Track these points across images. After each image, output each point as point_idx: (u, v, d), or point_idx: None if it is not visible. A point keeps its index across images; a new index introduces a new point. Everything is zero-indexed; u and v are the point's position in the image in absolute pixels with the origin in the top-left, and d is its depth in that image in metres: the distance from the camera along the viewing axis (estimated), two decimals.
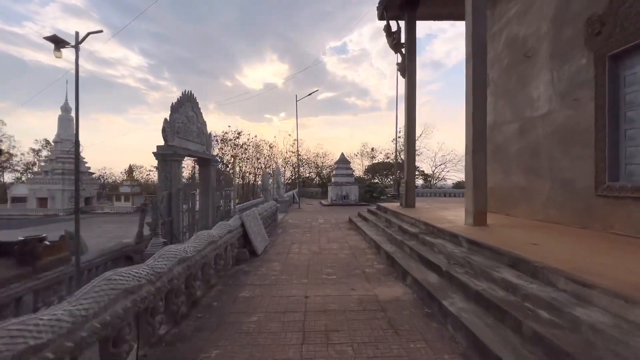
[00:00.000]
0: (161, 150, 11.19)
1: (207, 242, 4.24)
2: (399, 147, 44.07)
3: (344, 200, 19.57)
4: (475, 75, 5.34)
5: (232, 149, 53.94)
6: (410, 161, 9.22)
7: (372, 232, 7.73)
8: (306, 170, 50.94)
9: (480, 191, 5.34)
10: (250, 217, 6.89)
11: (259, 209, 8.59)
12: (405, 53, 9.34)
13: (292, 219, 12.68)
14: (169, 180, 11.35)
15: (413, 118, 9.19)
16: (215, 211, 14.84)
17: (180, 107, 12.35)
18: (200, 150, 13.78)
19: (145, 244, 9.34)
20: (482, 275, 3.52)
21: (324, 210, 16.87)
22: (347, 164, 20.61)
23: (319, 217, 13.48)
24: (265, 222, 9.52)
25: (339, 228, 10.06)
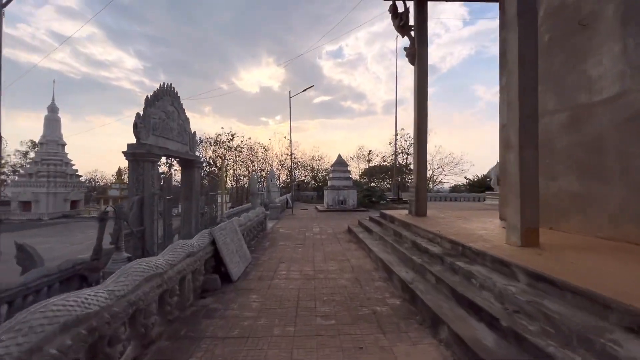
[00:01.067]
0: (132, 149, 9.70)
1: (142, 279, 2.80)
2: (399, 149, 43.05)
3: (341, 205, 18.15)
4: (524, 43, 3.97)
5: (226, 151, 52.54)
6: (421, 162, 7.85)
7: (378, 248, 6.31)
8: (302, 173, 49.70)
9: (531, 201, 3.95)
10: (227, 231, 5.45)
11: (241, 219, 7.14)
12: (414, 36, 7.99)
13: (283, 228, 11.23)
14: (141, 184, 9.85)
15: (424, 112, 7.83)
16: (200, 218, 13.35)
17: (157, 101, 10.87)
18: (181, 150, 12.30)
19: (107, 259, 7.82)
20: (584, 345, 2.11)
21: (320, 216, 15.43)
22: (344, 166, 19.22)
23: (314, 225, 12.04)
24: (251, 233, 8.06)
25: (337, 240, 8.62)
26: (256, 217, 8.60)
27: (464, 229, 5.62)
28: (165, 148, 11.02)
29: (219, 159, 16.72)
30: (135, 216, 9.58)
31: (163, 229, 10.43)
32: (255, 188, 10.19)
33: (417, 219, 7.30)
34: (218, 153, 52.71)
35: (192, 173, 13.12)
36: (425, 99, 7.83)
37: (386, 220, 8.38)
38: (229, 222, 5.88)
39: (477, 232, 5.23)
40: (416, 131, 7.86)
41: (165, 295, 3.29)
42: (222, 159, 15.82)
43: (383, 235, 6.98)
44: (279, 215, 14.14)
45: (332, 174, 18.93)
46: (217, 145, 51.68)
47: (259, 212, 9.25)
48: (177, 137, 12.04)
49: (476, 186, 38.62)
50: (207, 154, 51.13)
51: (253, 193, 10.15)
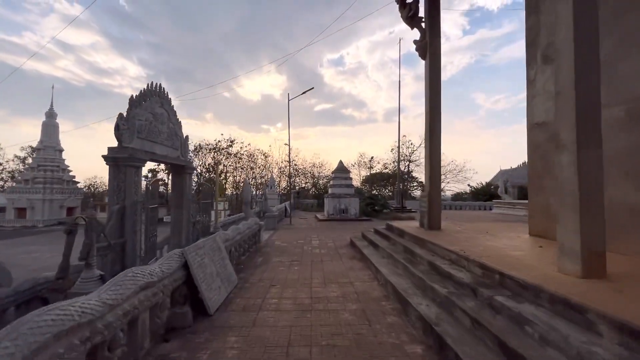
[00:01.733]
0: (113, 152, 8.81)
1: (48, 338, 1.85)
2: (401, 156, 42.23)
3: (342, 214, 17.17)
4: (581, 12, 3.08)
5: (225, 157, 51.84)
6: (434, 168, 6.91)
7: (387, 269, 5.34)
8: (302, 180, 48.88)
9: (594, 216, 3.00)
10: (206, 250, 4.50)
11: (228, 233, 6.19)
12: (425, 27, 7.14)
13: (279, 240, 10.26)
14: (122, 191, 8.93)
15: (437, 112, 6.92)
16: (192, 227, 12.40)
17: (144, 102, 10.01)
18: (171, 155, 11.40)
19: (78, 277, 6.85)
20: None
21: (320, 226, 14.45)
22: (346, 173, 18.30)
23: (312, 236, 11.06)
24: (241, 248, 7.11)
25: (339, 255, 7.65)
26: (248, 230, 7.65)
27: (491, 247, 4.65)
28: (152, 152, 10.11)
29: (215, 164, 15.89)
30: (115, 227, 8.65)
31: (148, 240, 9.47)
32: (249, 196, 9.27)
33: (430, 233, 6.33)
34: (217, 159, 52.06)
35: (183, 180, 12.21)
36: (438, 97, 6.93)
37: (394, 233, 7.42)
38: (210, 239, 4.94)
39: (510, 252, 4.27)
40: (428, 133, 6.94)
41: (99, 349, 2.33)
42: (217, 164, 14.83)
43: (392, 252, 6.01)
44: (276, 226, 13.19)
45: (333, 181, 18.00)
46: (216, 151, 51.13)
47: (252, 224, 8.31)
48: (167, 141, 11.16)
49: (480, 194, 37.65)
50: (206, 161, 50.61)
51: (246, 202, 9.24)
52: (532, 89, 5.50)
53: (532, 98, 5.53)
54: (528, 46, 5.62)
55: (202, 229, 13.46)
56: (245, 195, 9.15)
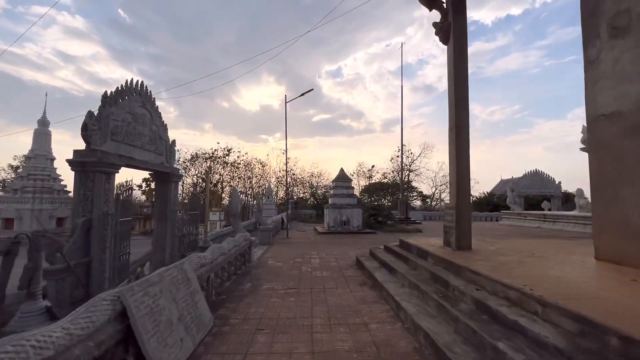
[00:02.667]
0: (79, 156, 7.53)
1: None
2: (404, 164, 41.09)
3: (344, 226, 15.83)
4: None
5: (222, 167, 50.66)
6: (462, 173, 5.65)
7: (413, 305, 4.01)
8: (300, 190, 47.67)
9: None
10: (162, 286, 3.18)
11: (205, 255, 4.86)
12: (447, 6, 5.99)
13: (274, 258, 8.90)
14: (90, 202, 7.62)
15: (464, 103, 5.72)
16: (178, 241, 11.03)
17: (122, 100, 8.77)
18: (154, 161, 10.10)
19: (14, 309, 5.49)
20: None
21: (320, 240, 13.09)
22: (347, 181, 17.03)
23: (312, 253, 9.71)
24: (225, 272, 5.77)
25: (345, 280, 6.30)
26: (234, 249, 6.32)
27: (562, 281, 3.35)
28: (130, 157, 8.81)
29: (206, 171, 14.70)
30: (78, 244, 7.30)
31: (115, 259, 8.08)
32: (238, 206, 7.98)
33: (462, 255, 5.03)
34: (208, 166, 50.89)
35: (167, 188, 10.89)
36: (465, 86, 5.73)
37: (412, 253, 6.10)
38: (174, 267, 3.62)
39: (600, 291, 2.96)
40: (454, 130, 5.70)
41: None
42: (208, 171, 13.43)
43: (415, 280, 4.69)
44: (271, 240, 11.83)
45: (334, 191, 16.71)
46: (212, 160, 49.94)
47: (240, 241, 6.98)
48: (149, 145, 9.87)
49: (483, 204, 36.46)
50: (203, 170, 49.36)
51: (234, 213, 7.94)
52: (594, 71, 4.30)
53: (594, 83, 4.32)
54: (586, 17, 4.45)
55: (190, 243, 12.09)
56: (234, 206, 7.86)
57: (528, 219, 20.59)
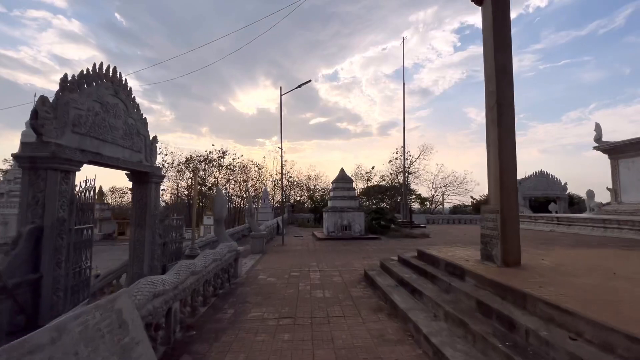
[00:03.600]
0: (29, 150, 6.20)
1: None
2: (399, 168, 39.93)
3: (345, 231, 14.49)
4: None
5: (217, 169, 49.33)
6: (507, 164, 4.35)
7: (464, 357, 2.72)
8: (297, 193, 46.48)
9: None
10: (62, 350, 1.86)
11: (166, 278, 3.51)
12: None
13: (266, 271, 7.55)
14: (41, 205, 6.26)
15: (507, 78, 4.44)
16: (159, 250, 9.65)
17: (88, 86, 7.42)
18: (131, 159, 8.72)
19: None
20: None
21: (319, 248, 11.74)
22: (348, 182, 15.72)
23: (311, 264, 8.37)
24: (199, 296, 4.43)
25: (353, 302, 4.97)
26: (212, 264, 4.97)
27: None
28: (96, 153, 7.43)
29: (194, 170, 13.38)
30: (23, 257, 5.94)
31: (71, 276, 6.69)
32: (223, 210, 6.66)
33: (514, 274, 3.73)
34: (209, 172, 49.51)
35: (147, 190, 9.51)
36: (507, 55, 4.46)
37: (438, 268, 4.80)
38: (94, 309, 2.29)
39: None
40: (494, 108, 4.42)
41: None
42: (195, 172, 11.96)
43: (454, 312, 3.38)
44: (264, 248, 10.46)
45: (333, 192, 15.39)
46: (207, 163, 48.58)
47: (223, 252, 5.63)
48: (123, 141, 8.50)
49: None
50: (198, 173, 47.96)
51: (218, 218, 6.63)
52: None
53: None
54: None
55: (173, 251, 10.70)
56: (217, 209, 6.56)
57: (540, 222, 19.39)
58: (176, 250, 10.57)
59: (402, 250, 10.45)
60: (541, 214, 20.59)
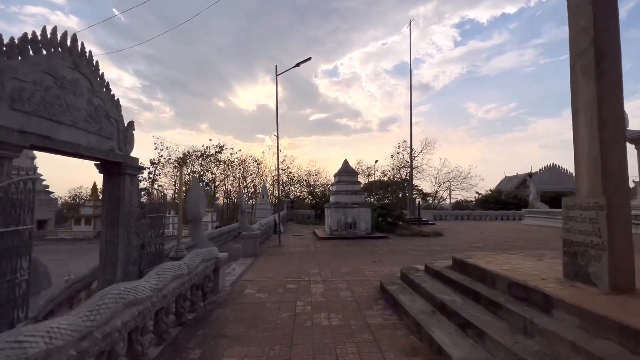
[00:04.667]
0: None
1: None
2: (400, 163, 38.39)
3: (349, 229, 13.03)
4: None
5: (215, 165, 47.95)
6: (612, 136, 2.85)
7: None
8: (297, 189, 45.19)
9: None
10: None
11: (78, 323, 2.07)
12: None
13: (255, 283, 6.09)
14: None
15: (608, 6, 2.95)
16: (137, 253, 8.22)
17: (34, 54, 5.90)
18: (98, 146, 7.19)
19: None
20: None
21: (321, 249, 10.30)
22: (352, 175, 14.22)
23: (312, 272, 6.91)
24: (148, 333, 2.96)
25: (372, 335, 3.51)
26: (173, 283, 3.50)
27: None
28: (47, 137, 5.92)
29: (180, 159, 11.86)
30: None
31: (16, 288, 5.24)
32: (198, 208, 5.24)
33: (628, 301, 2.28)
34: (206, 167, 48.11)
35: (120, 183, 8.01)
36: None
37: (497, 289, 3.33)
38: None
39: None
40: (591, 52, 2.92)
41: None
42: (181, 163, 10.38)
43: None
44: (257, 250, 9.01)
45: (337, 186, 13.90)
46: (204, 158, 47.20)
47: (194, 264, 4.15)
48: (88, 124, 6.95)
49: (490, 202, 33.75)
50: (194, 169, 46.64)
51: (194, 217, 5.26)
52: None
53: None
54: None
55: (154, 254, 9.23)
56: (192, 206, 5.12)
57: (558, 219, 17.90)
58: (157, 253, 9.10)
59: (417, 252, 9.01)
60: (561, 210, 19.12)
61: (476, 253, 5.12)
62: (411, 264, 7.56)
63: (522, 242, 11.06)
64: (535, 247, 9.89)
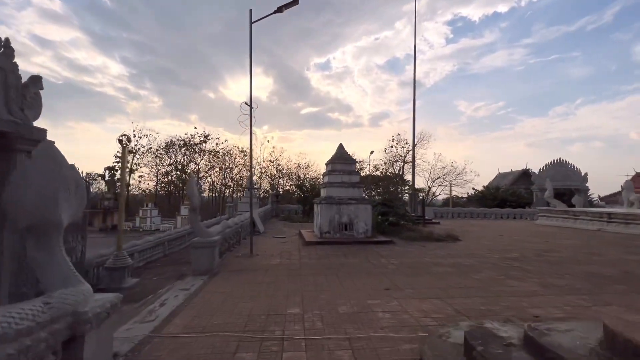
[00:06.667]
0: None
1: None
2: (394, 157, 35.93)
3: (344, 232, 10.34)
4: None
5: (199, 156, 44.82)
6: None
7: None
8: (286, 182, 42.53)
9: None
10: None
11: None
12: None
13: (180, 344, 3.35)
14: None
15: None
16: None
17: None
18: None
19: None
20: None
21: (307, 262, 7.58)
22: (349, 163, 11.44)
23: (288, 312, 4.19)
24: None
25: None
26: None
27: None
28: None
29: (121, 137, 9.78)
30: None
31: None
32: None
33: None
34: (190, 157, 44.89)
35: (8, 163, 5.04)
36: None
37: None
38: None
39: None
40: None
41: None
42: (124, 145, 7.80)
43: None
44: (213, 265, 6.22)
45: (329, 177, 11.15)
46: (187, 148, 43.97)
47: None
48: None
49: (488, 199, 31.59)
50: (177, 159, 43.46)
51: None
52: None
53: None
54: None
55: (75, 263, 6.20)
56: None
57: (581, 219, 15.63)
58: (75, 263, 6.16)
59: (441, 268, 6.10)
60: (584, 209, 16.89)
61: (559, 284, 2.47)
62: (442, 289, 4.89)
63: (570, 253, 8.58)
64: (599, 262, 7.38)
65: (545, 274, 6.18)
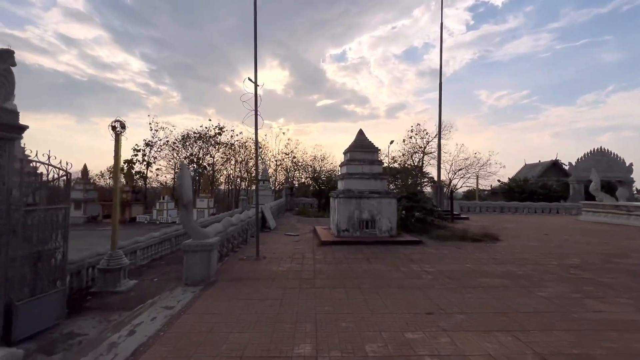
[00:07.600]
0: None
1: None
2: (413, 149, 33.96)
3: (365, 230, 9.08)
4: None
5: (215, 148, 44.49)
6: None
7: None
8: (301, 175, 41.54)
9: None
10: None
11: None
12: None
13: None
14: None
15: None
16: (22, 270, 4.42)
17: None
18: None
19: None
20: None
21: (322, 268, 6.39)
22: (371, 152, 10.06)
23: (295, 352, 3.02)
24: None
25: None
26: None
27: None
28: None
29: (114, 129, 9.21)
30: None
31: None
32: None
33: None
34: (204, 149, 44.58)
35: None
36: None
37: None
38: None
39: None
40: None
41: None
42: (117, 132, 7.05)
43: None
44: (209, 272, 5.14)
45: (347, 167, 9.86)
46: (203, 140, 43.65)
47: None
48: None
49: (515, 192, 29.35)
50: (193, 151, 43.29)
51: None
52: None
53: None
54: None
55: (50, 270, 5.40)
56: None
57: (635, 215, 13.69)
58: (53, 269, 5.21)
59: (488, 279, 4.61)
60: (637, 204, 14.89)
61: None
62: (504, 313, 3.52)
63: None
64: None
65: (635, 290, 4.73)
